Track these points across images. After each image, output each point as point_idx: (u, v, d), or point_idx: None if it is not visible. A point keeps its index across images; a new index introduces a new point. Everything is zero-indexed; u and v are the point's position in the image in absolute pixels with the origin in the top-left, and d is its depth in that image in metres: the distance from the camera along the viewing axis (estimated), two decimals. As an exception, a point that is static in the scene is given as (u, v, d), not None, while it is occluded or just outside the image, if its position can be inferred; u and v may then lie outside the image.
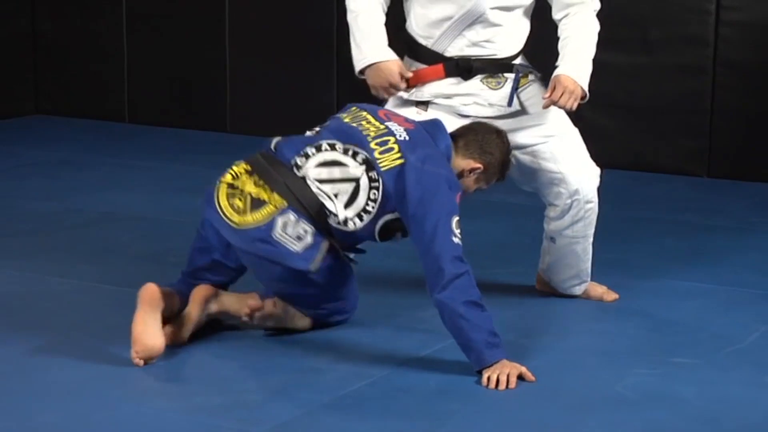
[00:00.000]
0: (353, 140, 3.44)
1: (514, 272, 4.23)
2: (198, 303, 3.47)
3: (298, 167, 3.43)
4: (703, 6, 6.04)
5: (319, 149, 3.44)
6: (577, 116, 6.33)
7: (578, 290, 3.90)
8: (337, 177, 3.40)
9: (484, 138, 3.53)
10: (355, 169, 3.39)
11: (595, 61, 3.76)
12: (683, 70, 6.12)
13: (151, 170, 6.15)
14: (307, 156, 3.44)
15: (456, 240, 3.27)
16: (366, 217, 3.40)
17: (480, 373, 3.23)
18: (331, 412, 3.04)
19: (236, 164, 3.53)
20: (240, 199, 3.42)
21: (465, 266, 3.26)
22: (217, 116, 7.29)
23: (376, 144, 3.41)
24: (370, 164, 3.39)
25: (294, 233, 3.36)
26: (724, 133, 6.09)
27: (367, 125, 3.46)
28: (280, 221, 3.36)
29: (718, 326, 3.76)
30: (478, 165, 3.51)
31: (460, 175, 3.50)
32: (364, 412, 3.04)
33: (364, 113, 3.53)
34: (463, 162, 3.52)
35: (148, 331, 3.32)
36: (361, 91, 7.27)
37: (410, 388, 3.20)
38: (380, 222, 3.41)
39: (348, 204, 3.39)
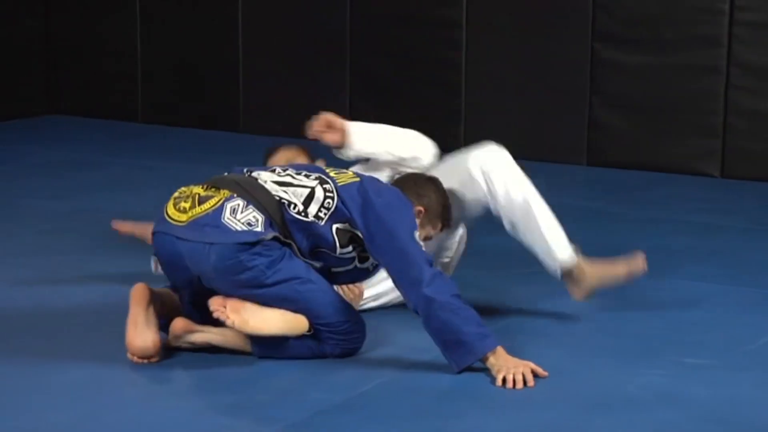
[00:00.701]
0: (307, 168, 3.53)
1: (521, 273, 4.21)
2: (172, 335, 3.43)
3: (251, 175, 3.46)
4: (717, 6, 6.03)
5: (273, 171, 3.49)
6: (589, 117, 6.38)
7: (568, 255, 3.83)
8: (292, 182, 3.42)
9: (417, 183, 3.61)
10: (310, 181, 3.43)
11: (607, 61, 3.73)
12: (696, 70, 6.11)
13: (164, 170, 6.17)
14: (254, 170, 3.50)
15: (423, 249, 3.34)
16: (324, 215, 3.38)
17: (469, 369, 3.25)
18: (342, 412, 3.04)
19: (185, 187, 3.51)
20: (186, 201, 3.41)
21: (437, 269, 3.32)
22: (230, 116, 7.30)
23: (331, 170, 3.51)
24: (324, 180, 3.43)
25: (244, 219, 3.30)
26: (738, 132, 6.08)
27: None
28: (228, 206, 3.33)
29: (732, 327, 3.75)
30: (419, 208, 3.53)
31: None
32: (375, 413, 3.04)
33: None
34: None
35: (138, 332, 3.33)
36: (375, 92, 7.29)
37: (421, 388, 3.21)
38: (334, 226, 3.38)
39: (305, 204, 3.38)
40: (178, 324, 3.39)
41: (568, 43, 6.39)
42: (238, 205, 3.34)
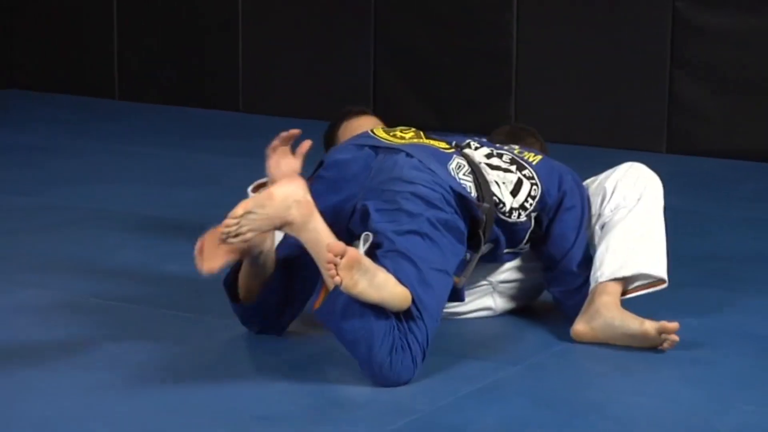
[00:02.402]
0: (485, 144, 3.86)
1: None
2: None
3: (461, 150, 3.74)
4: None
5: (469, 146, 3.78)
6: (674, 95, 6.37)
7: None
8: (501, 165, 3.73)
9: (526, 137, 4.17)
10: (510, 166, 3.75)
11: (692, 24, 3.76)
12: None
13: (147, 157, 6.19)
14: (468, 144, 3.78)
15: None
16: (523, 214, 3.73)
17: None
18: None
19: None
20: (404, 132, 3.73)
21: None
22: (228, 93, 7.33)
23: (504, 149, 3.85)
24: (519, 162, 3.78)
25: (463, 181, 3.60)
26: None
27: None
28: (456, 160, 3.65)
29: None
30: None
31: None
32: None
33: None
34: None
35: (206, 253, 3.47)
36: (406, 64, 7.28)
37: (463, 427, 3.21)
38: (533, 219, 3.75)
39: (513, 193, 3.71)
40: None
41: (643, 0, 6.38)
42: (464, 165, 3.66)
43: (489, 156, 3.75)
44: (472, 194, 3.59)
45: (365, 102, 6.77)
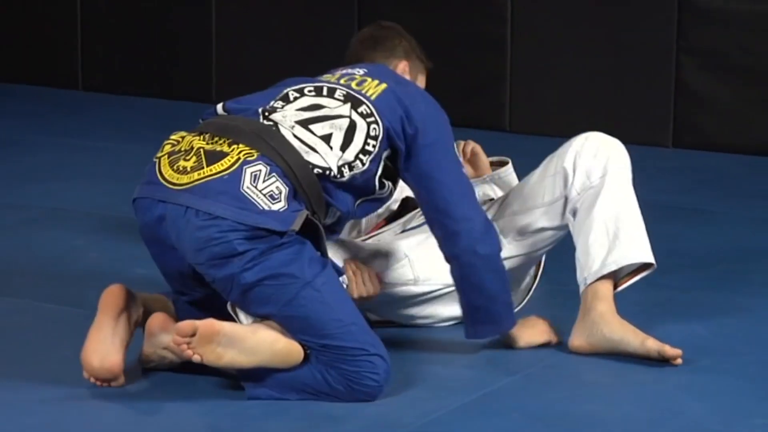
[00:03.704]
0: (319, 81, 3.64)
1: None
2: (147, 336, 3.48)
3: (268, 115, 3.49)
4: None
5: (286, 99, 3.55)
6: (680, 84, 6.37)
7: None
8: (324, 114, 3.50)
9: (378, 40, 4.03)
10: (340, 108, 3.52)
11: (700, 7, 3.77)
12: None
13: (113, 153, 6.19)
14: (274, 108, 3.51)
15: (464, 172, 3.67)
16: (366, 159, 3.50)
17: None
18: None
19: (174, 134, 3.54)
20: (186, 159, 3.41)
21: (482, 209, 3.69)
22: (200, 83, 7.33)
23: (345, 80, 3.62)
24: (354, 98, 3.54)
25: (267, 190, 3.35)
26: None
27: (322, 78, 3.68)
28: (248, 172, 3.35)
29: None
30: (401, 62, 3.96)
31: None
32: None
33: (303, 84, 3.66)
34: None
35: (98, 347, 3.39)
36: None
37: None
38: (381, 165, 3.53)
39: (344, 145, 3.47)
40: (155, 320, 3.43)
41: None
42: (260, 171, 3.37)
43: (311, 108, 3.50)
44: (281, 195, 3.33)
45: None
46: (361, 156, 3.47)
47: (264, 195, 3.33)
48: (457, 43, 6.76)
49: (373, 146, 3.48)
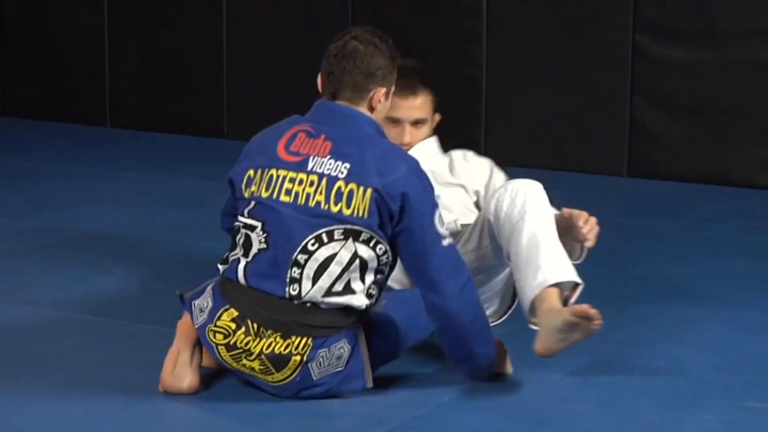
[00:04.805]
0: (313, 226, 3.31)
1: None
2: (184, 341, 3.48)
3: (293, 297, 3.31)
4: (779, -9, 6.05)
5: (297, 264, 3.31)
6: (634, 121, 6.38)
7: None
8: (337, 270, 3.31)
9: (363, 62, 3.47)
10: (344, 248, 3.30)
11: (651, 56, 3.74)
12: (756, 67, 6.12)
13: (136, 182, 6.18)
14: (294, 281, 3.31)
15: (446, 242, 3.34)
16: (380, 277, 3.39)
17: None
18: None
19: (219, 319, 3.35)
20: (250, 359, 3.33)
21: (465, 270, 3.39)
22: (213, 120, 7.32)
23: (334, 201, 3.30)
24: (352, 231, 3.30)
25: (333, 359, 3.33)
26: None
27: (298, 188, 3.33)
28: (314, 366, 3.31)
29: (799, 365, 3.76)
30: (380, 89, 3.45)
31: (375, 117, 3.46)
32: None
33: (274, 171, 3.37)
34: (370, 104, 3.46)
35: (175, 372, 3.40)
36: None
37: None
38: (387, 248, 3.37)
39: (362, 278, 3.34)
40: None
41: (606, 34, 6.41)
42: (323, 356, 3.32)
43: (324, 266, 3.29)
44: (342, 350, 3.32)
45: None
46: (377, 276, 3.36)
47: (333, 365, 3.32)
48: (438, 85, 6.74)
49: (386, 257, 3.35)
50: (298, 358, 3.29)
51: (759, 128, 6.16)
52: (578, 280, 3.57)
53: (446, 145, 4.16)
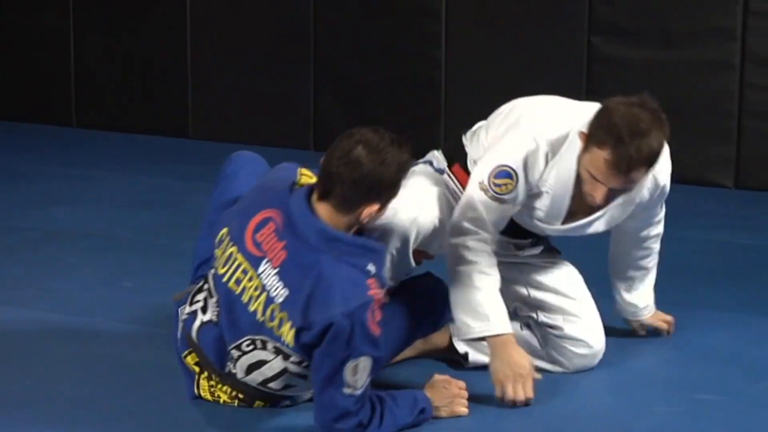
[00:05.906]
0: (252, 330, 3.20)
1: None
2: None
3: (233, 374, 3.30)
4: (730, -7, 6.10)
5: (239, 348, 3.25)
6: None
7: None
8: (269, 375, 3.27)
9: (360, 177, 3.13)
10: (277, 362, 3.23)
11: (609, 59, 3.77)
12: (708, 67, 6.17)
13: (103, 181, 6.16)
14: (233, 360, 3.28)
15: (348, 391, 3.10)
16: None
17: None
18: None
19: (183, 355, 3.36)
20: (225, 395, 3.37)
21: (355, 418, 3.14)
22: (177, 121, 7.31)
23: (269, 319, 3.17)
24: (281, 351, 3.20)
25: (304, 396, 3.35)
26: (754, 137, 6.14)
27: (247, 284, 3.20)
28: (287, 402, 3.35)
29: (750, 359, 3.78)
30: (374, 205, 3.17)
31: (360, 230, 3.22)
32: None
33: (234, 250, 3.24)
34: (357, 218, 3.19)
35: None
36: (341, 84, 7.27)
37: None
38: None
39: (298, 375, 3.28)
40: None
41: (562, 35, 6.44)
42: (292, 399, 3.37)
43: (256, 366, 3.26)
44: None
45: (305, 127, 6.80)
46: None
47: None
48: (399, 86, 6.78)
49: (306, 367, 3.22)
50: (264, 402, 3.33)
51: (708, 126, 6.20)
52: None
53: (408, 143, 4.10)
